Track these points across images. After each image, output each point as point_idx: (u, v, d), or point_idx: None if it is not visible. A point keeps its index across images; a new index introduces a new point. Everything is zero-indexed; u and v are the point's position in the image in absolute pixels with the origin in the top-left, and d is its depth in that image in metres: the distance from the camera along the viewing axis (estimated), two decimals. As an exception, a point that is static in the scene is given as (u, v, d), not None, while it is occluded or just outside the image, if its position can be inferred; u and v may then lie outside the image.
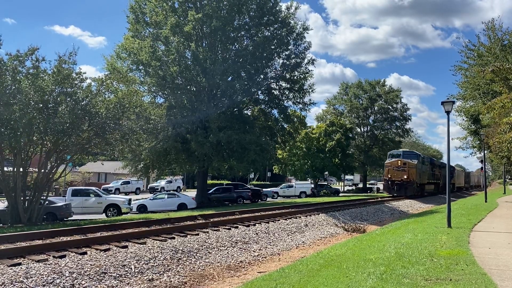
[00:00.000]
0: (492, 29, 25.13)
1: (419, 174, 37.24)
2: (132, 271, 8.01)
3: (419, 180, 37.48)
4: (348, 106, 64.87)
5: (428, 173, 42.42)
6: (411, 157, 37.44)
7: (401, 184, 35.94)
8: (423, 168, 39.91)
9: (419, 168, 37.31)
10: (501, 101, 16.35)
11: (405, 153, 38.69)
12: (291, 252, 11.61)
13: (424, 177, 39.91)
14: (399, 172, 36.26)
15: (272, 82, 30.17)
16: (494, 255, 8.43)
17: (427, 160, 43.62)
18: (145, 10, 27.68)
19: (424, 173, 40.01)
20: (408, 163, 36.10)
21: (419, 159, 38.27)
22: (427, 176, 41.43)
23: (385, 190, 39.65)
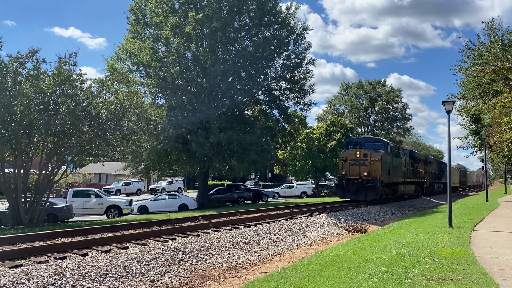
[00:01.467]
0: (492, 29, 25.12)
1: (386, 169, 26.50)
2: (133, 272, 8.01)
3: (386, 177, 26.53)
4: (348, 106, 64.93)
5: (405, 169, 31.84)
6: (375, 147, 26.71)
7: (359, 184, 25.13)
8: (395, 161, 28.92)
9: (387, 162, 26.61)
10: (501, 100, 16.34)
11: (367, 141, 27.95)
12: (292, 253, 11.60)
13: (396, 174, 28.99)
14: (356, 167, 25.49)
15: (272, 83, 30.18)
16: (496, 254, 8.42)
17: (403, 152, 32.43)
18: (145, 11, 27.72)
19: (397, 168, 29.20)
20: (370, 155, 25.33)
21: (387, 150, 27.06)
22: (402, 173, 30.68)
23: (336, 193, 27.88)
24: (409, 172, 33.21)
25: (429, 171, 41.49)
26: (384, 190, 26.73)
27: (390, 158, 27.67)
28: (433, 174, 43.40)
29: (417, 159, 36.46)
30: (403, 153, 32.23)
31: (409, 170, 33.46)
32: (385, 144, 27.59)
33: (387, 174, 26.75)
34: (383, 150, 26.41)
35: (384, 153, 26.31)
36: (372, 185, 24.79)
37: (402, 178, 30.65)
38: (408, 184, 32.89)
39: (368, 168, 25.22)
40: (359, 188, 25.11)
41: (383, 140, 28.60)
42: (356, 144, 27.42)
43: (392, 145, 29.57)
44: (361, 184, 25.11)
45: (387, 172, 26.76)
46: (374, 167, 25.27)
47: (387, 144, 27.68)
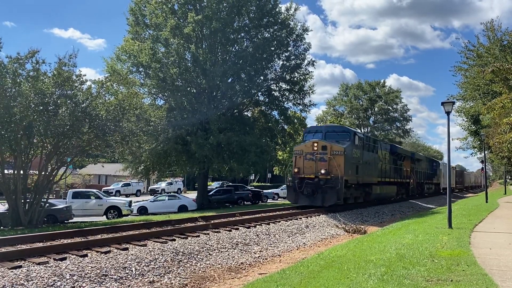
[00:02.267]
0: (492, 30, 25.17)
1: (353, 166, 21.12)
2: (133, 273, 8.01)
3: (354, 176, 21.19)
4: (348, 107, 64.99)
5: (383, 167, 26.34)
6: (338, 137, 21.09)
7: (315, 185, 19.69)
8: (368, 157, 23.28)
9: (354, 157, 21.07)
10: (501, 101, 16.36)
11: (330, 130, 22.12)
12: (291, 254, 11.60)
13: (370, 172, 23.63)
14: (312, 163, 19.99)
15: (272, 84, 30.22)
16: (495, 255, 8.42)
17: (381, 146, 26.80)
18: (145, 12, 27.76)
19: (370, 165, 23.72)
20: (331, 147, 19.82)
21: (355, 141, 21.26)
22: (378, 171, 25.27)
23: (288, 196, 22.14)
24: (389, 170, 27.63)
25: (418, 170, 36.33)
26: (351, 192, 21.53)
27: (360, 152, 21.86)
28: (422, 173, 38.49)
29: (400, 155, 30.86)
30: (382, 147, 26.70)
31: (390, 168, 27.88)
32: (351, 133, 21.45)
33: (355, 172, 21.22)
34: (349, 142, 20.62)
35: (350, 145, 20.55)
36: (331, 186, 19.11)
37: (379, 178, 25.27)
38: (388, 185, 27.38)
39: (327, 164, 19.47)
40: (315, 190, 19.60)
41: (349, 129, 22.61)
42: (316, 133, 21.68)
43: (362, 135, 23.57)
44: (318, 185, 19.54)
45: (355, 169, 21.22)
46: (334, 163, 19.37)
47: (354, 134, 21.46)
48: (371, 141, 25.06)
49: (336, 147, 19.95)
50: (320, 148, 19.99)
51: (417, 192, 36.05)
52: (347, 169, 20.09)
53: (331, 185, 19.29)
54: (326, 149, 19.89)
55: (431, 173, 42.22)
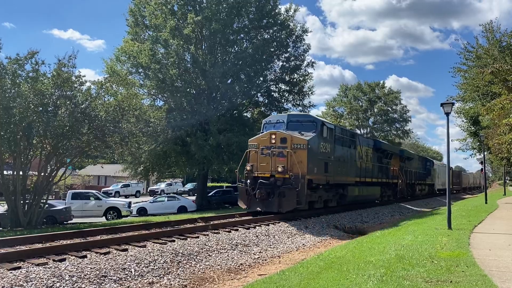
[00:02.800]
0: (491, 31, 25.21)
1: (320, 163, 17.31)
2: (132, 274, 8.00)
3: (321, 175, 17.49)
4: (347, 108, 65.02)
5: (363, 165, 22.73)
6: (302, 128, 17.40)
7: (271, 186, 16.19)
8: (342, 152, 19.66)
9: (322, 152, 17.46)
10: (500, 102, 16.38)
11: (292, 119, 17.96)
12: (291, 255, 11.59)
13: (344, 170, 19.82)
14: (268, 159, 16.51)
15: (271, 85, 30.25)
16: (495, 256, 8.42)
17: (361, 141, 23.15)
18: (144, 13, 27.78)
19: (345, 163, 19.94)
20: (291, 139, 16.35)
21: (323, 132, 17.61)
22: (357, 169, 21.63)
23: (239, 200, 17.41)
24: (371, 169, 24.16)
25: (408, 169, 32.82)
26: (319, 195, 17.96)
27: (330, 147, 18.19)
28: (414, 173, 35.02)
29: (387, 152, 27.36)
30: (362, 142, 23.14)
31: (372, 166, 24.38)
32: (318, 123, 17.56)
33: (323, 170, 17.50)
34: (314, 133, 16.92)
35: (316, 138, 16.89)
36: (291, 188, 15.62)
37: (357, 177, 21.58)
38: (369, 186, 23.67)
39: (286, 161, 16.00)
40: (271, 193, 16.07)
41: (316, 118, 18.51)
42: (277, 124, 17.83)
43: (333, 126, 19.19)
44: (274, 186, 15.96)
45: (323, 167, 17.50)
46: (295, 159, 15.86)
47: (322, 125, 17.62)
48: (347, 135, 21.16)
49: (298, 139, 16.29)
50: (279, 141, 16.27)
51: (407, 193, 33.01)
52: (312, 166, 16.44)
53: (289, 186, 15.69)
54: (286, 141, 16.23)
55: (424, 173, 39.23)
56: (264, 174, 16.45)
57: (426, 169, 40.05)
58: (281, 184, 15.97)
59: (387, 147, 28.27)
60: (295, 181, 15.70)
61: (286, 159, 16.15)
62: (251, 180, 16.69)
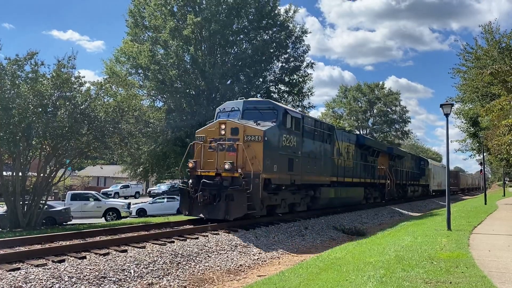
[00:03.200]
0: (490, 32, 25.24)
1: (284, 158, 14.59)
2: (132, 275, 7.99)
3: (285, 174, 14.67)
4: (347, 109, 65.12)
5: (344, 163, 20.16)
6: (259, 117, 14.56)
7: (216, 186, 13.35)
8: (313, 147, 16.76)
9: (283, 145, 14.50)
10: (499, 103, 16.40)
11: (249, 106, 14.96)
12: (291, 256, 11.59)
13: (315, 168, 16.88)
14: (214, 154, 13.75)
15: (271, 85, 30.28)
16: (494, 257, 8.43)
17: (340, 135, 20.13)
18: (144, 14, 27.80)
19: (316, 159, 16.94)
20: (244, 130, 13.47)
21: (286, 122, 14.83)
22: (334, 167, 18.83)
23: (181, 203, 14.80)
24: (353, 167, 21.45)
25: (399, 168, 30.51)
26: (282, 197, 14.97)
27: (296, 140, 15.25)
28: (405, 173, 32.61)
29: (372, 149, 24.67)
30: (341, 137, 20.26)
31: (354, 164, 21.67)
32: (280, 111, 14.50)
33: (286, 167, 14.55)
34: (275, 123, 14.06)
35: (276, 129, 14.01)
36: (240, 189, 12.61)
37: (333, 177, 18.68)
38: (349, 187, 20.93)
39: (236, 156, 13.13)
40: (217, 196, 13.16)
41: (277, 105, 15.08)
42: (232, 112, 14.88)
43: (300, 116, 16.03)
44: (221, 187, 13.12)
45: (286, 164, 14.54)
46: (248, 154, 12.97)
47: (284, 113, 14.60)
48: (322, 127, 17.91)
49: (252, 130, 13.30)
50: (229, 132, 13.41)
51: (398, 195, 30.59)
52: (271, 163, 13.60)
53: (239, 186, 12.62)
54: (238, 132, 13.29)
55: (417, 173, 36.79)
56: (208, 173, 13.44)
57: (419, 168, 37.71)
58: (229, 185, 12.95)
59: (372, 144, 25.62)
60: (246, 181, 12.74)
61: (237, 154, 13.21)
62: (193, 180, 13.75)
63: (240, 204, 12.78)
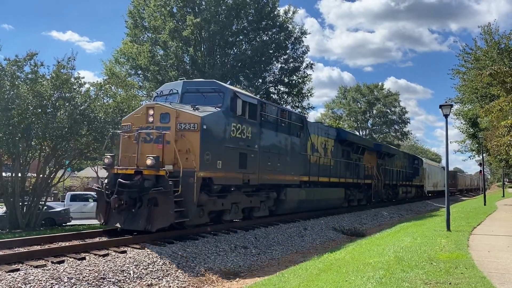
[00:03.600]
0: (489, 33, 25.31)
1: (234, 153, 11.86)
2: (131, 276, 7.99)
3: (234, 172, 11.96)
4: (346, 109, 65.19)
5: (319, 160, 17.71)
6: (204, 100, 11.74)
7: (136, 188, 10.16)
8: (276, 140, 14.32)
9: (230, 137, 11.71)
10: (499, 104, 16.42)
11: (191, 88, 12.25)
12: (290, 257, 11.59)
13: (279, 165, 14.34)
14: (135, 146, 10.69)
15: (270, 86, 30.32)
16: (494, 258, 8.43)
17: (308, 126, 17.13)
18: (143, 15, 27.83)
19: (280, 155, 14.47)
20: (177, 115, 10.63)
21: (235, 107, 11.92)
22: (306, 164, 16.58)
23: (97, 208, 11.34)
24: (330, 165, 18.85)
25: (389, 168, 28.10)
26: (230, 201, 12.33)
27: (252, 131, 12.67)
28: (396, 172, 30.09)
29: (357, 146, 22.30)
30: (316, 130, 17.88)
31: (332, 162, 19.08)
32: (228, 95, 11.94)
33: (237, 164, 12.04)
34: (219, 109, 11.56)
35: (221, 115, 11.55)
36: (166, 193, 9.97)
37: (305, 176, 16.28)
38: (327, 187, 18.47)
39: (163, 149, 10.61)
40: (138, 200, 10.35)
41: (222, 86, 12.35)
42: (171, 95, 12.33)
43: (257, 102, 13.37)
44: (142, 188, 10.24)
45: (236, 159, 12.03)
46: (178, 146, 10.57)
47: (234, 97, 12.02)
48: (289, 117, 15.32)
49: (187, 116, 10.63)
50: (159, 118, 10.72)
51: (387, 196, 28.16)
52: (213, 158, 10.91)
53: (163, 188, 9.82)
54: (168, 119, 10.64)
55: (410, 173, 34.29)
56: (126, 170, 10.54)
57: (413, 168, 35.25)
58: (152, 186, 9.96)
59: (356, 140, 23.10)
60: (177, 181, 10.02)
61: (166, 146, 10.46)
62: (110, 180, 10.93)
63: (165, 210, 9.91)
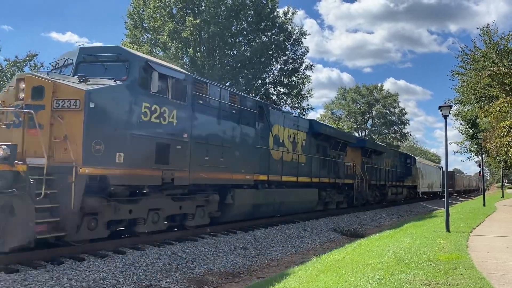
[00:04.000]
0: (488, 34, 25.36)
1: (144, 142, 9.01)
2: (131, 278, 7.99)
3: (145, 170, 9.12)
4: (346, 110, 65.21)
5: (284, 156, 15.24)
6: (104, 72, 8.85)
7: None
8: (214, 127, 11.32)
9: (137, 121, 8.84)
10: (498, 105, 16.47)
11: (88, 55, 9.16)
12: (289, 257, 11.59)
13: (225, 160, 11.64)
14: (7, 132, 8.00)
15: (270, 87, 30.36)
16: (493, 259, 8.44)
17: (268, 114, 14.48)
18: (143, 16, 27.84)
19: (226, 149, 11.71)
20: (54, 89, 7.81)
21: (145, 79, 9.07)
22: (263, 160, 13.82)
23: None
24: (299, 162, 16.36)
25: (375, 166, 25.61)
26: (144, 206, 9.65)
27: (178, 115, 10.05)
28: (385, 171, 27.57)
29: (335, 140, 19.61)
30: (282, 120, 15.51)
31: (302, 158, 16.59)
32: (137, 64, 9.17)
33: (151, 157, 9.39)
34: (122, 81, 8.77)
35: (122, 90, 8.71)
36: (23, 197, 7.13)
37: (263, 174, 13.74)
38: (294, 188, 15.97)
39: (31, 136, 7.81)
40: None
41: (129, 53, 9.60)
42: (65, 67, 9.62)
43: (184, 76, 10.47)
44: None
45: (150, 151, 9.36)
46: (54, 132, 7.89)
47: (146, 67, 9.30)
48: (241, 102, 12.63)
49: (67, 90, 8.07)
50: (30, 94, 8.07)
51: (374, 198, 25.65)
52: (108, 148, 8.37)
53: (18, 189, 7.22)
54: (43, 94, 8.02)
55: (401, 172, 31.56)
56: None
57: (405, 167, 32.66)
58: (8, 188, 7.21)
59: (334, 134, 20.04)
60: (49, 179, 7.60)
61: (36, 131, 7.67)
62: None
63: (23, 221, 7.16)
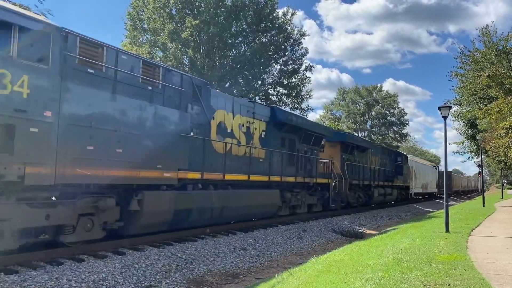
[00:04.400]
0: (487, 35, 25.40)
1: None
2: (130, 278, 7.98)
3: None
4: (345, 111, 65.26)
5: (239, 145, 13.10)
6: None
7: None
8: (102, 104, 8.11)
9: None
10: (497, 106, 16.49)
11: None
12: (289, 258, 11.59)
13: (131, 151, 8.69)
14: None
15: (269, 88, 30.37)
16: (493, 259, 8.44)
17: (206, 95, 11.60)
18: (142, 17, 27.87)
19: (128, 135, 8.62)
20: None
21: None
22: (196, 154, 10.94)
23: None
24: (255, 156, 13.91)
25: (359, 164, 22.92)
26: None
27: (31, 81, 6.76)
28: (371, 170, 24.95)
29: (305, 132, 16.90)
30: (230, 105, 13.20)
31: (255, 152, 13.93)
32: None
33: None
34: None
35: None
36: None
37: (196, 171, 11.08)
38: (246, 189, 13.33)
39: None
40: None
41: None
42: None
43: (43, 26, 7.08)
44: None
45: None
46: None
47: None
48: (161, 76, 9.88)
49: None
50: None
51: (357, 200, 23.24)
52: None
53: None
54: None
55: (391, 171, 28.82)
56: None
57: (395, 166, 29.79)
58: None
59: (304, 125, 16.85)
60: None
61: None
62: None
63: None
